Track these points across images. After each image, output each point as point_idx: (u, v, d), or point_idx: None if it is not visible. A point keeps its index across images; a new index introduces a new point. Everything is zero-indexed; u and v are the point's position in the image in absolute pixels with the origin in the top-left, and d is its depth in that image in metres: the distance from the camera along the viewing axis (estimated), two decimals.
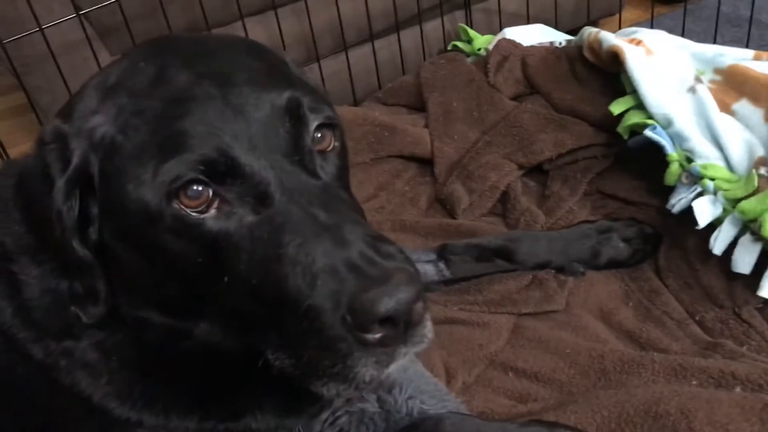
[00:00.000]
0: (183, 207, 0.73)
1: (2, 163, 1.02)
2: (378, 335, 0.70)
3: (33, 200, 0.81)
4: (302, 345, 0.73)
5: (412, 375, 1.11)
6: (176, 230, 0.75)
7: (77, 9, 1.57)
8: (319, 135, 0.81)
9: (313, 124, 0.80)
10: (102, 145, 0.77)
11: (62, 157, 0.77)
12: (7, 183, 0.92)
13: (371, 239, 0.73)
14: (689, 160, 1.33)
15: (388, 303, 0.68)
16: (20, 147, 1.99)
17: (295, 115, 0.78)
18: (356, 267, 0.70)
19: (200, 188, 0.73)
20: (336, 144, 0.83)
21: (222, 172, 0.73)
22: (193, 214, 0.74)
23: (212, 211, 0.74)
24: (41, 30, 1.51)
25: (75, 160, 0.77)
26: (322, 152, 0.81)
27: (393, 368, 0.75)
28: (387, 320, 0.69)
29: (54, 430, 0.88)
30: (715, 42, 2.01)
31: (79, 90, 0.84)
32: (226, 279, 0.75)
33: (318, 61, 1.93)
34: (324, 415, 1.06)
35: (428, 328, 0.77)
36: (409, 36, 2.08)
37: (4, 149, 1.64)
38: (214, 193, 0.74)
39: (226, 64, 0.81)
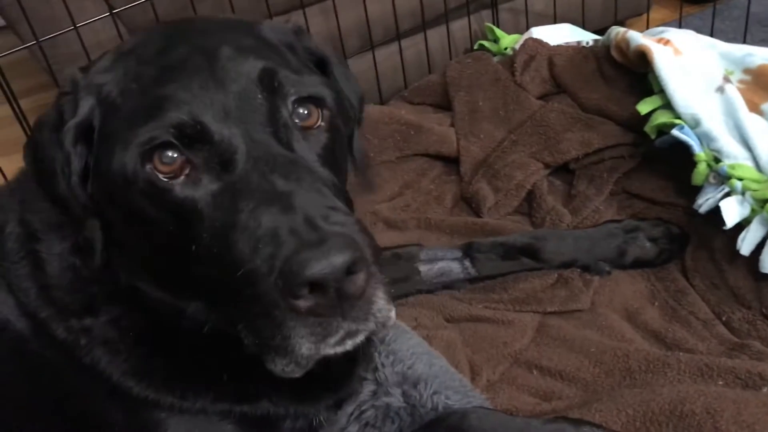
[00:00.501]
0: (156, 171, 0.76)
1: None
2: (308, 303, 0.67)
3: (44, 146, 0.84)
4: (249, 315, 0.73)
5: (438, 371, 1.12)
6: (148, 194, 0.78)
7: (110, 8, 1.60)
8: (305, 111, 0.82)
9: (291, 98, 0.81)
10: (105, 102, 0.82)
11: (74, 104, 0.82)
12: None
13: (326, 209, 0.72)
14: (717, 160, 1.32)
15: (315, 266, 0.65)
16: None
17: (268, 86, 0.80)
18: (296, 231, 0.68)
19: (174, 155, 0.76)
20: (322, 123, 0.84)
21: (191, 135, 0.76)
22: (164, 179, 0.76)
23: (181, 178, 0.77)
24: (75, 29, 1.54)
25: (83, 109, 0.82)
26: (307, 129, 0.82)
27: (335, 347, 0.72)
28: (317, 286, 0.66)
29: (85, 415, 0.90)
30: (744, 42, 1.99)
31: (103, 52, 0.90)
32: (194, 247, 0.77)
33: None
34: (349, 409, 1.08)
35: (378, 306, 0.72)
36: (436, 35, 2.09)
37: None
38: (186, 160, 0.76)
39: (220, 40, 0.84)
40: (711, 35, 1.67)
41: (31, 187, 0.90)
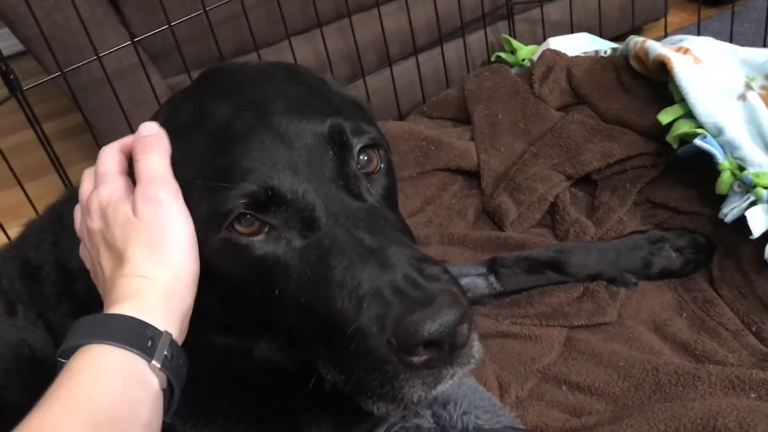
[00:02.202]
0: (233, 231, 0.76)
1: (66, 191, 1.06)
2: (423, 358, 0.70)
3: None
4: (351, 365, 0.74)
5: (467, 390, 1.12)
6: (227, 252, 0.77)
7: (132, 36, 1.63)
8: (365, 158, 0.83)
9: (357, 147, 0.81)
10: None
11: None
12: (70, 209, 0.97)
13: (416, 261, 0.74)
14: (741, 169, 1.31)
15: (431, 326, 0.68)
16: (78, 166, 2.06)
17: (338, 142, 0.80)
18: (400, 290, 0.71)
19: (249, 217, 0.76)
20: (382, 165, 0.84)
21: (265, 203, 0.75)
22: (243, 237, 0.76)
23: (261, 236, 0.77)
24: (98, 58, 1.57)
25: None
26: (369, 174, 0.83)
27: (440, 389, 0.75)
28: (431, 343, 0.69)
29: None
30: (764, 44, 1.98)
31: None
32: (277, 297, 0.78)
33: (363, 77, 1.96)
34: (380, 431, 1.08)
35: (475, 349, 0.77)
36: (453, 49, 2.10)
37: (63, 168, 1.70)
38: (262, 222, 0.76)
39: (264, 93, 0.83)
40: (730, 39, 1.66)
41: (63, 226, 0.91)
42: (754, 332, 1.24)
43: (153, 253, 0.75)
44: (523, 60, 1.96)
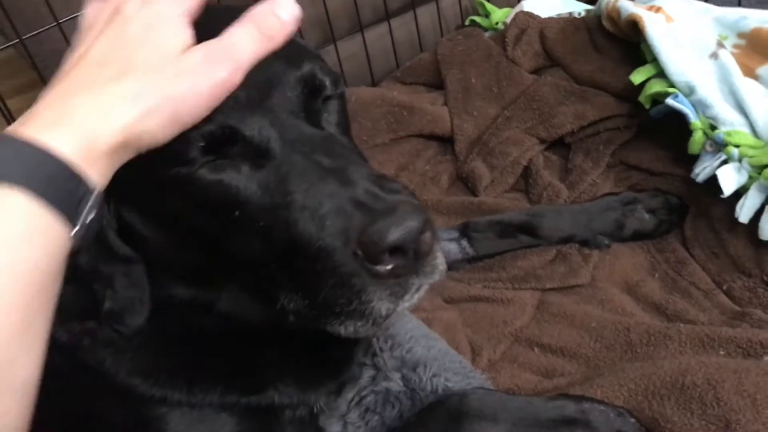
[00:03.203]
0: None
1: None
2: (389, 266, 0.71)
3: None
4: (317, 286, 0.74)
5: (437, 353, 1.11)
6: (179, 186, 0.76)
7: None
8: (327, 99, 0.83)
9: (324, 94, 0.82)
10: None
11: None
12: None
13: (375, 177, 0.75)
14: (713, 128, 1.30)
15: (395, 232, 0.69)
16: None
17: (311, 85, 0.80)
18: (362, 204, 0.71)
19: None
20: (337, 90, 0.85)
21: (222, 142, 0.74)
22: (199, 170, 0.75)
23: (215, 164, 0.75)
24: (58, 24, 1.52)
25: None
26: (325, 101, 0.83)
27: (407, 302, 0.76)
28: (396, 250, 0.70)
29: (85, 415, 0.90)
30: (740, 5, 1.96)
31: None
32: (236, 231, 0.77)
33: (335, 42, 1.92)
34: (349, 395, 1.07)
35: (439, 260, 0.78)
36: (426, 13, 2.06)
37: None
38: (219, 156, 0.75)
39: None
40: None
41: None
42: (725, 291, 1.24)
43: (116, 76, 0.65)
44: (497, 23, 1.94)
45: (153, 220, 0.81)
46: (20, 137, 0.58)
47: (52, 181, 0.58)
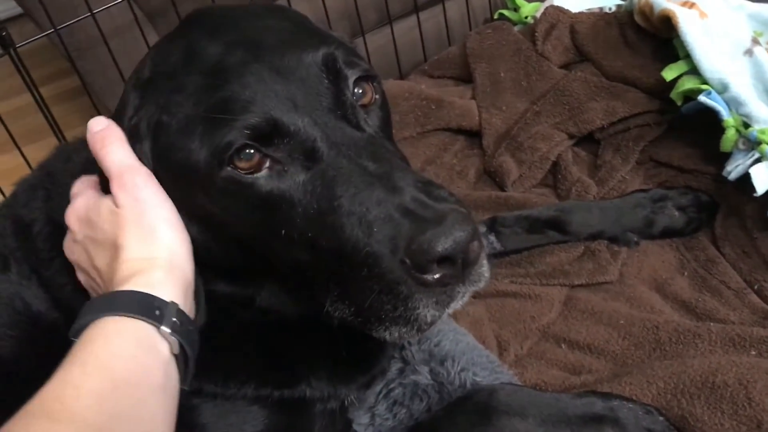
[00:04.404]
0: (235, 169, 0.76)
1: (56, 148, 1.05)
2: (437, 275, 0.71)
3: None
4: (363, 292, 0.74)
5: (465, 347, 1.12)
6: (230, 192, 0.77)
7: None
8: (360, 90, 0.83)
9: (352, 79, 0.81)
10: (149, 131, 0.81)
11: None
12: (61, 165, 0.96)
13: (422, 184, 0.75)
14: (746, 126, 1.29)
15: (445, 242, 0.69)
16: (76, 129, 2.04)
17: (333, 71, 0.80)
18: (410, 211, 0.71)
19: (251, 151, 0.75)
20: (377, 97, 0.85)
21: (268, 134, 0.75)
22: (246, 175, 0.76)
23: (264, 171, 0.76)
24: (92, 15, 1.54)
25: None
26: (365, 106, 0.83)
27: (452, 308, 0.76)
28: (445, 260, 0.70)
29: None
30: None
31: (121, 95, 0.87)
32: (283, 234, 0.78)
33: (363, 35, 1.92)
34: (377, 387, 1.08)
35: (485, 267, 0.79)
36: (455, 6, 2.06)
37: (61, 131, 1.69)
38: (263, 154, 0.76)
39: (253, 29, 0.83)
40: None
41: (54, 182, 0.91)
42: (756, 290, 1.23)
43: (145, 235, 0.77)
44: (526, 17, 1.93)
45: (199, 222, 0.82)
46: (119, 290, 0.75)
47: (139, 305, 0.74)
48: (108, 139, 0.81)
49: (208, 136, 0.75)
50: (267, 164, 0.76)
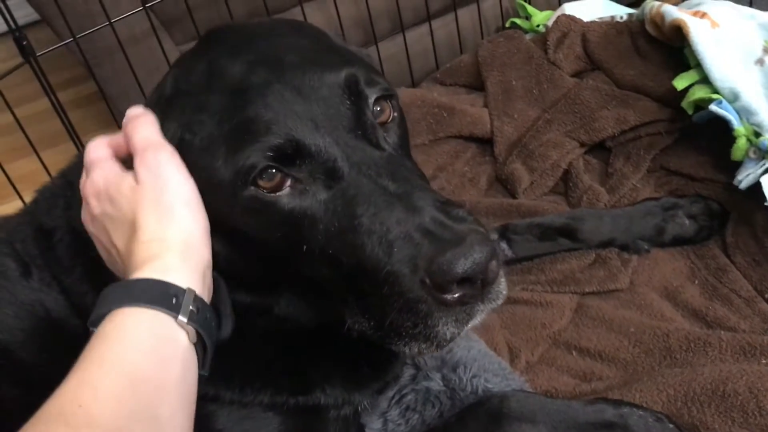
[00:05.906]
0: (258, 188, 0.77)
1: (76, 156, 1.07)
2: (457, 294, 0.73)
3: None
4: (383, 309, 0.76)
5: (476, 354, 1.13)
6: (253, 209, 0.79)
7: (144, 2, 1.62)
8: (378, 108, 0.84)
9: (372, 98, 0.82)
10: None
11: None
12: (80, 174, 0.97)
13: (441, 204, 0.76)
14: (757, 135, 1.29)
15: (465, 263, 0.70)
16: (92, 134, 2.06)
17: (354, 92, 0.81)
18: (430, 232, 0.73)
19: (273, 171, 0.77)
20: (395, 114, 0.86)
21: (290, 155, 0.76)
22: (269, 194, 0.77)
23: (286, 190, 0.78)
24: (110, 24, 1.56)
25: None
26: (384, 124, 0.84)
27: (471, 325, 0.78)
28: (464, 280, 0.72)
29: None
30: None
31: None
32: (305, 250, 0.79)
33: (376, 43, 1.94)
34: (390, 393, 1.09)
35: (503, 285, 0.80)
36: (467, 14, 2.07)
37: (78, 136, 1.71)
38: (285, 174, 0.77)
39: (274, 48, 0.84)
40: (750, 3, 1.63)
41: (74, 191, 0.92)
42: (766, 299, 1.24)
43: (163, 215, 0.76)
44: (538, 26, 1.94)
45: (222, 236, 0.83)
46: (134, 278, 0.74)
47: (155, 294, 0.74)
48: (140, 119, 0.82)
49: (231, 156, 0.77)
50: (289, 183, 0.78)
